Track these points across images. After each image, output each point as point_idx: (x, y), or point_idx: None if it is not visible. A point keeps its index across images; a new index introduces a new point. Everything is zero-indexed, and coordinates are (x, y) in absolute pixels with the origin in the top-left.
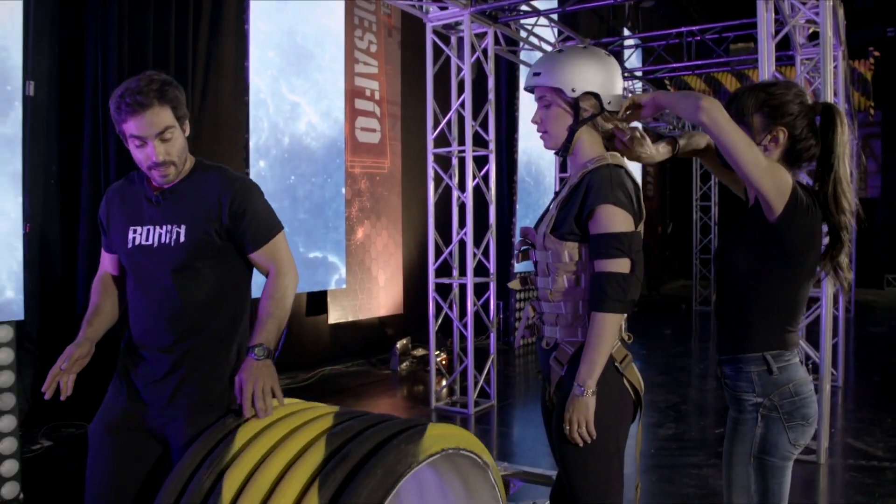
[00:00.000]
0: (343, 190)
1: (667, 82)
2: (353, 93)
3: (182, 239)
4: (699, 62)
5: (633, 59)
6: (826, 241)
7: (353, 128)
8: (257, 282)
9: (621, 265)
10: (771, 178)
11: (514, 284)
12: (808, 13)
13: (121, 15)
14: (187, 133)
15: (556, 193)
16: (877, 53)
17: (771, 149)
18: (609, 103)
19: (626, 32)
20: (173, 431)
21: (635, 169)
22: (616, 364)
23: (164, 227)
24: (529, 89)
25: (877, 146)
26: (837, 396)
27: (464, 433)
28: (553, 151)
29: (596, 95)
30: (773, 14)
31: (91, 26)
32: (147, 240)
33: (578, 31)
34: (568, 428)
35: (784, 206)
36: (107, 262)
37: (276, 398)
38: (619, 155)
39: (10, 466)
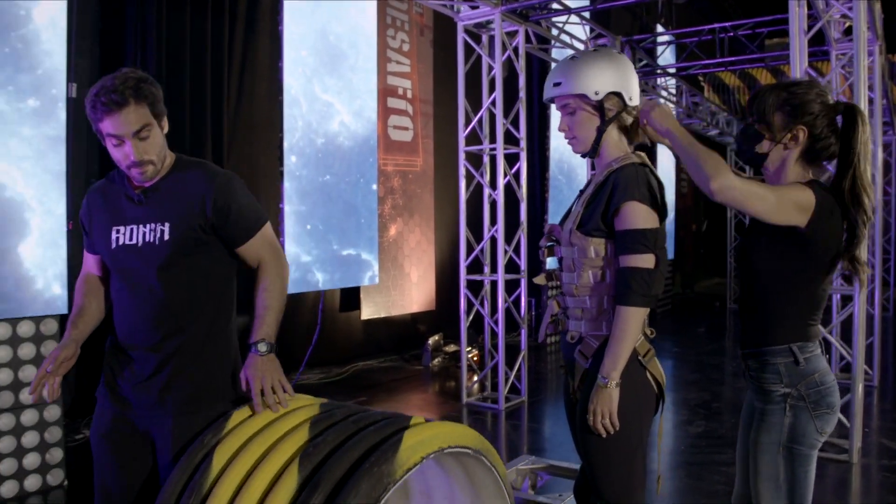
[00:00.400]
0: (375, 187)
1: (700, 78)
2: (385, 91)
3: (167, 237)
4: (732, 58)
5: (667, 56)
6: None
7: (386, 126)
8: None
9: (646, 260)
10: (791, 211)
11: (540, 279)
12: (842, 8)
13: (159, 17)
14: (166, 130)
15: (582, 191)
16: None
17: (791, 147)
18: (630, 98)
19: (660, 28)
20: (160, 431)
21: (669, 168)
22: (639, 357)
23: (148, 226)
24: (550, 100)
25: None
26: (873, 396)
27: (451, 428)
28: (581, 155)
29: (618, 94)
30: (806, 9)
31: (131, 28)
32: (131, 239)
33: (610, 27)
34: (592, 419)
35: (809, 218)
36: (90, 263)
37: (286, 392)
38: (643, 154)
39: (55, 454)
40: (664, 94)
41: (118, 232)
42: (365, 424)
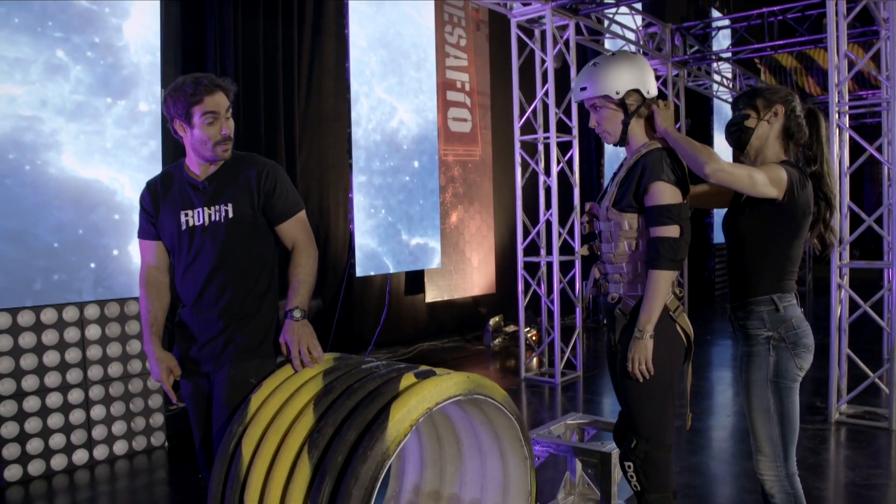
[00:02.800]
0: (437, 177)
1: (756, 61)
2: (444, 85)
3: (231, 215)
4: (782, 41)
5: (725, 40)
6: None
7: (446, 118)
8: None
9: (672, 231)
10: (771, 185)
11: (583, 250)
12: None
13: (235, 22)
14: None
15: (615, 174)
16: None
17: (773, 121)
18: (648, 92)
19: (714, 13)
20: (220, 377)
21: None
22: (670, 313)
23: (213, 208)
24: (580, 102)
25: None
26: None
27: (437, 383)
28: (614, 145)
29: (636, 90)
30: None
31: (210, 34)
32: (199, 220)
33: (664, 15)
34: (630, 365)
35: (785, 191)
36: (148, 255)
37: (314, 353)
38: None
39: (157, 419)
40: (717, 78)
41: (187, 215)
42: (358, 400)
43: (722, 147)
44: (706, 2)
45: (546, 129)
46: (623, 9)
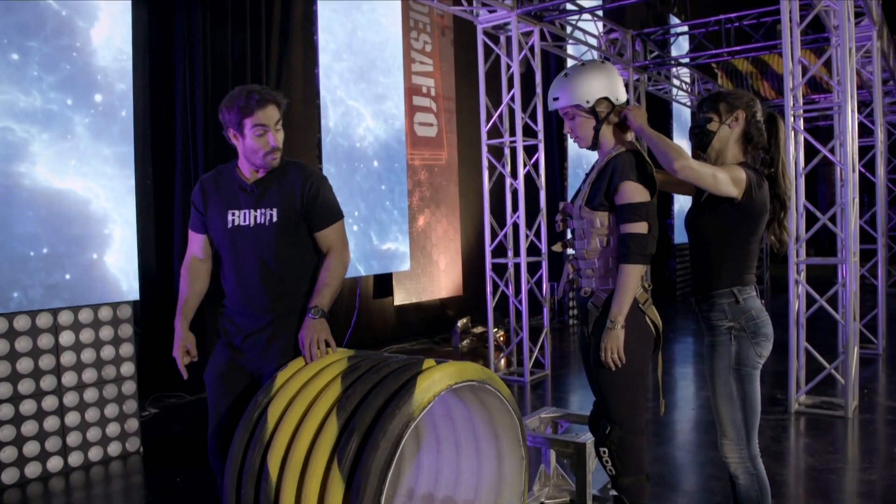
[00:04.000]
0: (405, 181)
1: (714, 66)
2: (411, 90)
3: (275, 219)
4: (739, 48)
5: (684, 45)
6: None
7: (412, 123)
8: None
9: (641, 227)
10: (731, 184)
11: (557, 247)
12: (829, 1)
13: (204, 29)
14: None
15: (587, 174)
16: None
17: (734, 126)
18: (617, 100)
19: (673, 19)
20: (268, 370)
21: None
22: (639, 305)
23: (259, 211)
24: (554, 111)
25: None
26: (878, 364)
27: (457, 367)
28: (588, 149)
29: (606, 98)
30: (798, 1)
31: (179, 41)
32: (245, 221)
33: (625, 21)
34: (603, 355)
35: (743, 191)
36: (195, 246)
37: (329, 347)
38: (635, 142)
39: (132, 424)
40: (676, 82)
41: (233, 215)
42: (385, 374)
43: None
44: (664, 8)
45: (512, 134)
46: (586, 15)
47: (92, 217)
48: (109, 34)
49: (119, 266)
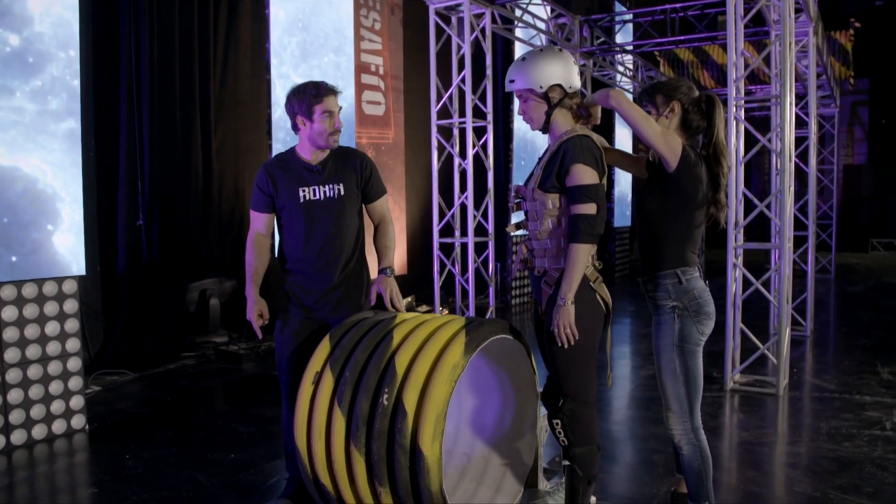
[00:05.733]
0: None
1: (657, 54)
2: (360, 68)
3: (343, 192)
4: (683, 37)
5: (626, 33)
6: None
7: (360, 101)
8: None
9: (590, 208)
10: (665, 140)
11: (511, 228)
12: None
13: (151, 1)
14: None
15: (540, 158)
16: (857, 24)
17: (670, 116)
18: (570, 87)
19: (618, 7)
20: (338, 321)
21: (629, 146)
22: (590, 283)
23: (328, 186)
24: (510, 93)
25: (864, 113)
26: (806, 345)
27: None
28: (541, 132)
29: (559, 85)
30: None
31: (124, 12)
32: (315, 195)
33: (571, 7)
34: (556, 330)
35: (678, 161)
36: (260, 223)
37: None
38: (586, 126)
39: (77, 401)
40: (621, 69)
41: (304, 191)
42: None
43: (622, 137)
44: None
45: (462, 115)
46: (536, 0)
47: (41, 195)
48: (50, 3)
49: (67, 245)
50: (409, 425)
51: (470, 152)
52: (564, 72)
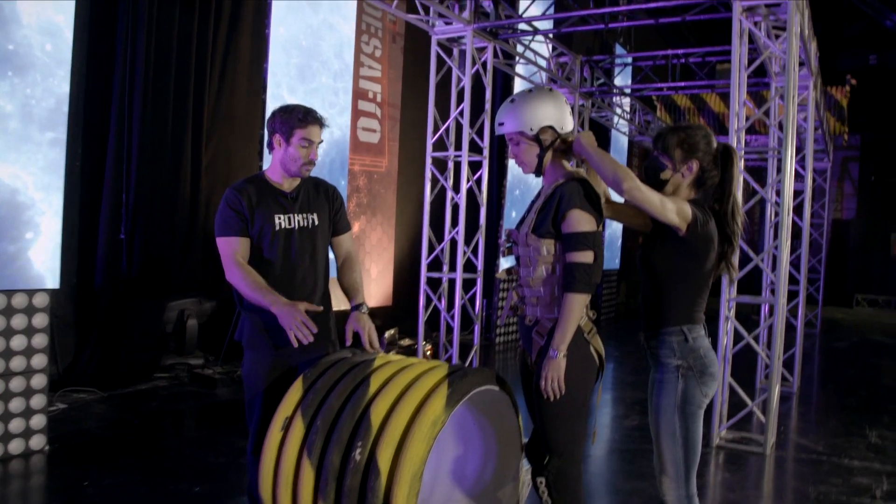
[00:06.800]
0: (345, 186)
1: (654, 98)
2: (357, 94)
3: (317, 222)
4: (683, 83)
5: (626, 76)
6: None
7: (356, 127)
8: None
9: (587, 256)
10: (676, 214)
11: (501, 274)
12: (777, 50)
13: (150, 11)
14: None
15: (533, 201)
16: (853, 81)
17: (686, 175)
18: (562, 129)
19: (619, 49)
20: (305, 363)
21: None
22: (584, 335)
23: (302, 215)
24: (500, 136)
25: (854, 169)
26: (792, 401)
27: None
28: (534, 175)
29: (551, 126)
30: (747, 45)
31: (122, 20)
32: (290, 224)
33: (572, 46)
34: (544, 384)
35: (688, 225)
36: (242, 247)
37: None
38: (582, 171)
39: (39, 420)
40: (619, 111)
41: (279, 218)
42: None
43: None
44: (610, 37)
45: (458, 147)
46: (538, 36)
47: (19, 205)
48: (44, 12)
49: (45, 257)
50: (383, 485)
51: (464, 186)
52: (556, 112)
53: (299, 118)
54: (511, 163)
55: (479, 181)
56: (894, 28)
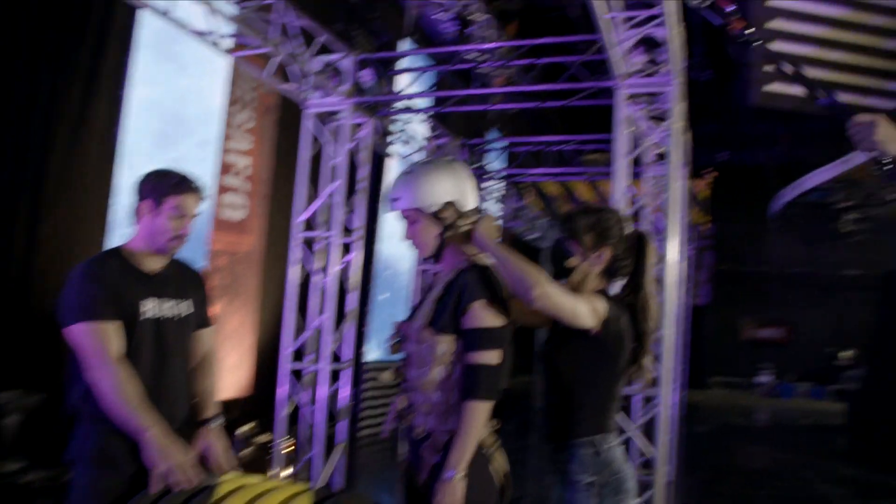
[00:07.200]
0: (203, 265)
1: (518, 186)
2: (224, 168)
3: (190, 310)
4: (556, 169)
5: (500, 160)
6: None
7: (220, 204)
8: None
9: (493, 357)
10: (590, 315)
11: (388, 376)
12: (659, 137)
13: None
14: None
15: (428, 290)
16: (715, 174)
17: (596, 263)
18: (465, 206)
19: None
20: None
21: None
22: (482, 450)
23: (174, 301)
24: (387, 211)
25: (709, 257)
26: (670, 490)
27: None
28: (431, 259)
29: (452, 203)
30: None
31: None
32: (159, 312)
33: (449, 128)
34: None
35: (601, 323)
36: (116, 338)
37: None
38: (486, 257)
39: None
40: (490, 197)
41: (145, 305)
42: None
43: None
44: (485, 125)
45: (329, 228)
46: (418, 117)
47: None
48: None
49: None
50: None
51: (333, 270)
52: (458, 187)
53: (175, 183)
54: (383, 246)
55: (349, 264)
56: (830, 106)
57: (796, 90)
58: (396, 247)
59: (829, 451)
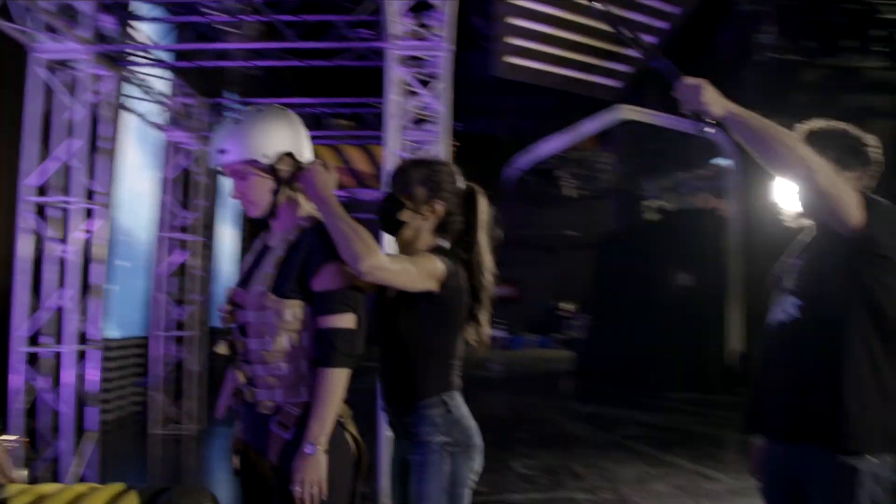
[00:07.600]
0: None
1: None
2: None
3: None
4: (320, 133)
5: None
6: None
7: None
8: None
9: (348, 320)
10: (428, 280)
11: (222, 349)
12: (430, 99)
13: None
14: None
15: (264, 252)
16: (457, 143)
17: (429, 218)
18: (301, 157)
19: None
20: None
21: None
22: (340, 419)
23: None
24: (218, 168)
25: None
26: None
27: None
28: (262, 218)
29: (289, 154)
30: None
31: None
32: None
33: (193, 85)
34: (300, 490)
35: (441, 283)
36: None
37: None
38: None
39: None
40: None
41: None
42: None
43: None
44: (225, 84)
45: (67, 192)
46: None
47: None
48: None
49: None
50: None
51: (74, 240)
52: (295, 136)
53: None
54: (119, 210)
55: (92, 234)
56: (660, 69)
57: (534, 64)
58: (134, 212)
59: (564, 393)
